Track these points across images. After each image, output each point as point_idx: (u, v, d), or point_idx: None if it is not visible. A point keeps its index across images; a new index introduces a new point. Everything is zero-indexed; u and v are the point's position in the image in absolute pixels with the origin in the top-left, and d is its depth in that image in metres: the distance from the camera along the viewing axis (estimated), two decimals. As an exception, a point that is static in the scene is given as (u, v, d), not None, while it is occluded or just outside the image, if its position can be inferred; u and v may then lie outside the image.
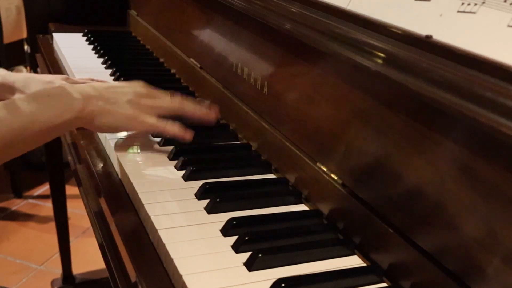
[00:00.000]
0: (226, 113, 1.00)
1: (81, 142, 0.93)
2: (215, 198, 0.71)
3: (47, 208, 2.28)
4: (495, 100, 0.46)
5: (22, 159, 2.43)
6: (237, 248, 0.62)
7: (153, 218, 0.67)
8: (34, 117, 0.74)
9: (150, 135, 0.92)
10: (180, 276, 0.57)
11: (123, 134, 0.93)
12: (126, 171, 0.78)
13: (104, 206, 0.77)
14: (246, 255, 0.61)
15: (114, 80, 1.19)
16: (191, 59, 1.17)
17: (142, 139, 0.91)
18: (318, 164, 0.74)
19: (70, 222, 1.83)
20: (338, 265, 0.62)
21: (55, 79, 1.07)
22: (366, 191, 0.65)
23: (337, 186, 0.69)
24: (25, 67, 2.62)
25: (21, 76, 1.04)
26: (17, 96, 1.02)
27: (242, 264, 0.60)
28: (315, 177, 0.74)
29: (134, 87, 0.85)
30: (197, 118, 0.87)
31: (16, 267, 1.98)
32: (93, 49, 1.41)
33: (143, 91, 0.84)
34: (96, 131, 0.84)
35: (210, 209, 0.70)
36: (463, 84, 0.49)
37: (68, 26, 1.55)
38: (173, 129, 0.83)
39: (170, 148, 0.86)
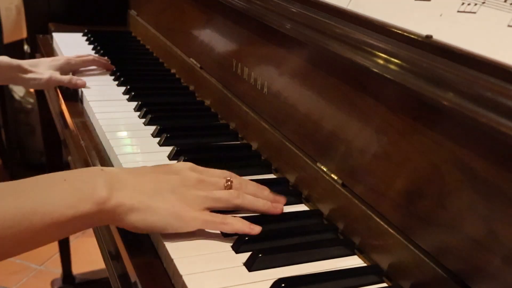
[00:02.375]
0: (226, 113, 1.00)
1: (81, 142, 0.93)
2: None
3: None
4: (495, 100, 0.46)
5: (22, 159, 2.44)
6: (237, 248, 0.62)
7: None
8: (36, 205, 0.55)
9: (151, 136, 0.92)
10: (180, 276, 0.57)
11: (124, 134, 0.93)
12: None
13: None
14: (246, 255, 0.61)
15: (114, 80, 1.19)
16: (191, 59, 1.17)
17: (141, 139, 0.91)
18: (318, 164, 0.74)
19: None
20: (338, 265, 0.62)
21: (58, 56, 1.20)
22: (367, 190, 0.65)
23: (337, 186, 0.69)
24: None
25: (28, 60, 1.14)
26: (29, 75, 1.09)
27: (242, 264, 0.60)
28: (315, 177, 0.74)
29: (181, 172, 0.66)
30: (257, 212, 0.69)
31: (16, 267, 1.98)
32: (93, 49, 1.41)
33: (192, 177, 0.66)
34: (129, 229, 0.62)
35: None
36: (463, 84, 0.49)
37: (68, 26, 1.55)
38: (236, 225, 0.64)
39: (170, 148, 0.86)
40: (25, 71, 1.11)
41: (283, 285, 0.56)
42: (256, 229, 0.64)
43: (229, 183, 0.68)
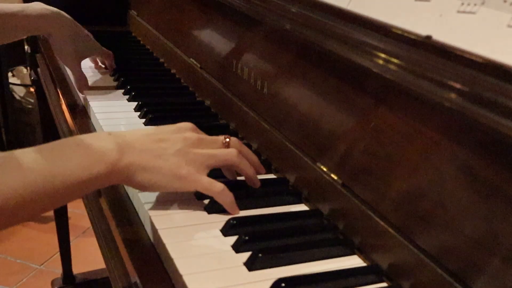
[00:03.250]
0: (226, 113, 1.00)
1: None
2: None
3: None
4: (495, 100, 0.46)
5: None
6: (237, 248, 0.62)
7: (153, 218, 0.67)
8: (54, 170, 0.60)
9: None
10: (180, 276, 0.57)
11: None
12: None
13: (104, 206, 0.77)
14: (246, 255, 0.61)
15: (114, 80, 1.19)
16: (191, 59, 1.17)
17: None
18: (318, 164, 0.74)
19: (70, 222, 1.83)
20: (338, 265, 0.62)
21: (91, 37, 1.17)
22: (367, 191, 0.65)
23: (337, 186, 0.69)
24: (25, 67, 2.62)
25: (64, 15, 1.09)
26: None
27: (242, 264, 0.60)
28: (315, 177, 0.74)
29: (183, 132, 0.70)
30: (245, 176, 0.74)
31: (16, 267, 1.98)
32: (93, 49, 1.40)
33: (193, 137, 0.70)
34: (136, 188, 0.68)
35: (209, 210, 0.70)
36: (463, 84, 0.49)
37: (68, 26, 1.55)
38: (226, 198, 0.68)
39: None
40: (59, 29, 1.07)
41: (283, 285, 0.56)
42: (236, 211, 0.69)
43: (227, 140, 0.73)
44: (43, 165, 0.59)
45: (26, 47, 2.09)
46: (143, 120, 0.98)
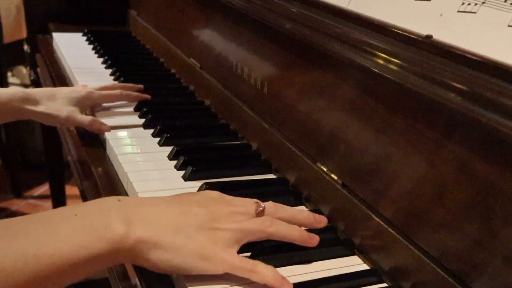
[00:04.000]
0: (226, 113, 1.00)
1: (84, 152, 0.93)
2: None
3: (47, 208, 2.28)
4: (495, 100, 0.46)
5: (22, 159, 2.44)
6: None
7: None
8: (41, 247, 0.47)
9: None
10: (183, 279, 0.57)
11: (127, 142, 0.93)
12: (126, 170, 0.78)
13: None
14: (246, 255, 0.61)
15: (115, 80, 1.19)
16: (191, 59, 1.17)
17: (141, 139, 0.91)
18: (318, 164, 0.74)
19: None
20: (338, 265, 0.62)
21: (77, 87, 1.01)
22: (367, 191, 0.65)
23: (337, 186, 0.69)
24: (25, 67, 2.62)
25: (43, 89, 0.96)
26: (40, 108, 0.90)
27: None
28: (315, 177, 0.74)
29: (208, 203, 0.59)
30: (293, 242, 0.61)
31: (16, 267, 1.98)
32: (93, 49, 1.41)
33: (220, 210, 0.58)
34: (150, 269, 0.55)
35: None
36: (463, 84, 0.49)
37: (68, 26, 1.55)
38: (266, 274, 0.55)
39: (170, 148, 0.86)
40: (35, 103, 0.92)
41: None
42: (286, 285, 0.55)
43: (261, 208, 0.60)
44: (25, 241, 0.47)
45: (25, 46, 2.09)
46: (143, 120, 0.98)
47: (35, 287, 0.47)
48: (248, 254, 0.61)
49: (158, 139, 0.90)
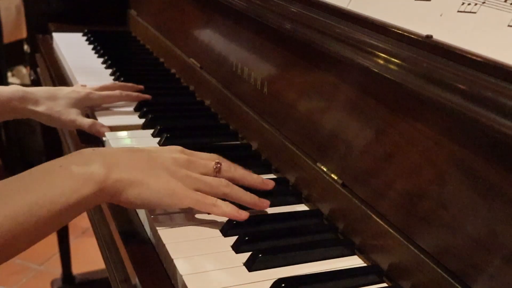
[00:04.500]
0: (226, 113, 1.00)
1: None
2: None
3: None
4: (495, 100, 0.46)
5: (22, 159, 2.44)
6: (237, 248, 0.62)
7: (152, 218, 0.67)
8: (40, 197, 0.56)
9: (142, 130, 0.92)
10: (181, 276, 0.57)
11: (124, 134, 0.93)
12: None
13: (103, 206, 0.77)
14: (246, 255, 0.61)
15: (115, 80, 1.19)
16: (191, 59, 1.17)
17: (141, 139, 0.91)
18: (318, 164, 0.74)
19: (70, 222, 1.83)
20: (338, 265, 0.62)
21: (77, 87, 1.02)
22: (367, 190, 0.65)
23: (337, 186, 0.69)
24: (25, 67, 2.62)
25: (43, 89, 0.97)
26: (41, 108, 0.92)
27: (242, 264, 0.60)
28: (315, 177, 0.74)
29: (172, 153, 0.68)
30: (244, 204, 0.69)
31: (16, 267, 1.98)
32: (93, 49, 1.41)
33: (183, 158, 0.68)
34: (126, 206, 0.66)
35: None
36: (463, 84, 0.49)
37: (68, 26, 1.55)
38: (224, 208, 0.65)
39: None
40: (36, 102, 0.93)
41: (283, 285, 0.56)
42: (243, 214, 0.65)
43: (218, 165, 0.69)
44: (28, 195, 0.56)
45: (25, 46, 2.09)
46: (143, 120, 0.98)
47: (40, 229, 0.57)
48: (248, 253, 0.61)
49: (158, 139, 0.90)
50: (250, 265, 0.60)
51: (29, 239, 0.57)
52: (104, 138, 0.90)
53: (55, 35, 1.47)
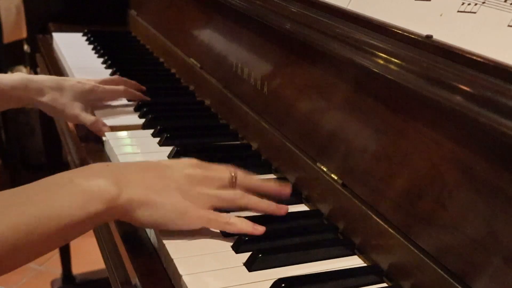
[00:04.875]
0: (226, 113, 1.00)
1: (84, 152, 0.93)
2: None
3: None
4: (495, 100, 0.46)
5: (22, 159, 2.44)
6: (237, 248, 0.62)
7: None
8: (46, 211, 0.55)
9: (145, 131, 0.92)
10: (180, 276, 0.57)
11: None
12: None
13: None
14: (246, 255, 0.61)
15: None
16: (191, 59, 1.17)
17: (141, 139, 0.91)
18: (318, 164, 0.74)
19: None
20: (338, 265, 0.62)
21: (81, 79, 1.00)
22: (367, 190, 0.65)
23: (337, 186, 0.69)
24: (25, 67, 2.62)
25: (49, 78, 0.96)
26: (45, 98, 0.90)
27: (242, 264, 0.60)
28: (315, 177, 0.74)
29: (186, 168, 0.66)
30: (262, 212, 0.68)
31: (16, 267, 1.98)
32: (93, 49, 1.41)
33: (197, 174, 0.66)
34: (136, 225, 0.64)
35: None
36: (463, 84, 0.49)
37: (68, 26, 1.55)
38: (239, 225, 0.63)
39: (170, 148, 0.86)
40: (40, 92, 0.92)
41: (283, 285, 0.56)
42: (259, 229, 0.63)
43: (234, 179, 0.67)
44: (36, 206, 0.55)
45: (25, 47, 2.09)
46: (143, 120, 0.98)
47: (46, 243, 0.56)
48: (249, 253, 0.61)
49: (158, 139, 0.90)
50: (250, 265, 0.60)
51: (32, 252, 0.55)
52: (104, 138, 0.90)
53: (55, 35, 1.47)
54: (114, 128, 0.94)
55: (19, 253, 0.54)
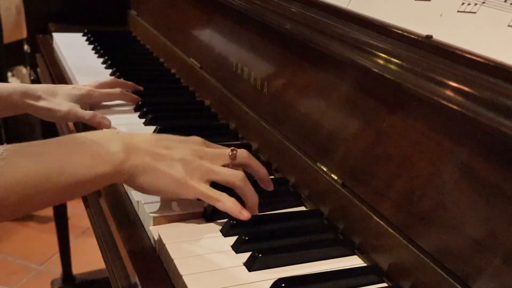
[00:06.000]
0: (226, 113, 1.00)
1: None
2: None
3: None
4: (495, 100, 0.46)
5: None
6: (237, 248, 0.62)
7: (153, 219, 0.67)
8: (60, 166, 0.59)
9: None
10: (180, 276, 0.57)
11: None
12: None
13: (104, 206, 0.77)
14: (246, 255, 0.61)
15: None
16: (191, 59, 1.17)
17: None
18: (318, 164, 0.74)
19: (70, 222, 1.83)
20: (338, 265, 0.62)
21: (76, 85, 1.01)
22: (367, 190, 0.65)
23: (337, 186, 0.69)
24: (25, 67, 2.62)
25: (44, 85, 0.97)
26: (42, 102, 0.91)
27: (242, 264, 0.60)
28: (315, 177, 0.74)
29: (191, 144, 0.70)
30: (247, 202, 0.70)
31: (16, 267, 1.98)
32: (93, 49, 1.41)
33: (200, 149, 0.70)
34: (136, 190, 0.68)
35: (210, 211, 0.70)
36: (463, 84, 0.49)
37: (68, 26, 1.55)
38: (228, 204, 0.66)
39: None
40: (36, 98, 0.93)
41: (283, 285, 0.56)
42: (245, 214, 0.66)
43: (234, 152, 0.71)
44: (48, 161, 0.59)
45: (25, 47, 2.09)
46: (143, 120, 0.98)
47: (53, 197, 0.60)
48: (249, 253, 0.61)
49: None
50: (250, 265, 0.60)
51: (44, 202, 0.60)
52: None
53: (55, 35, 1.47)
54: (114, 128, 0.93)
55: (32, 201, 0.58)
